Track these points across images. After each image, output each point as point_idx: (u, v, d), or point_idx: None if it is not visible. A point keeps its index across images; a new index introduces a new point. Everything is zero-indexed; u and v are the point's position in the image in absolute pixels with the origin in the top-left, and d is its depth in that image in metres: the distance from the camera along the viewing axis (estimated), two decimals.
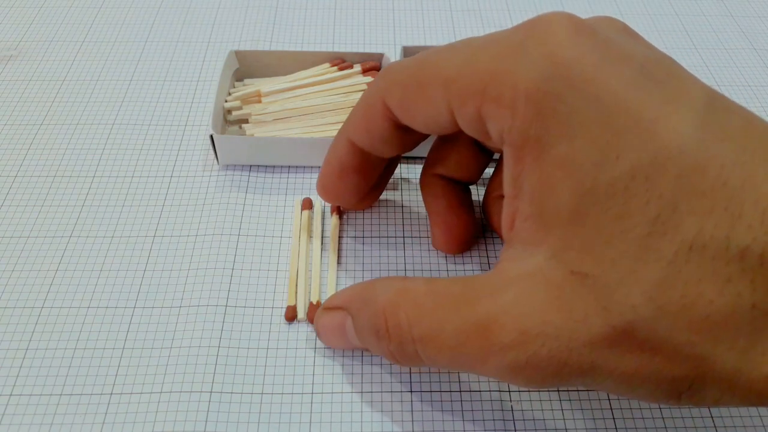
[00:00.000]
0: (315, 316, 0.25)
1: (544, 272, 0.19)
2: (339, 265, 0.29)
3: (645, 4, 0.46)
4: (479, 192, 0.32)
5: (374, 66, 0.35)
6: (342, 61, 0.35)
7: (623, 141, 0.17)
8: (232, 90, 0.35)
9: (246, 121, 0.33)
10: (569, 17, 0.20)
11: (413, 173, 0.33)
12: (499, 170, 0.27)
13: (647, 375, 0.18)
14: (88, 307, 0.27)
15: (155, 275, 0.28)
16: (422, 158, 0.33)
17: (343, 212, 0.31)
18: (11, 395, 0.24)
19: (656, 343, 0.17)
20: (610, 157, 0.17)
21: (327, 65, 0.35)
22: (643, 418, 0.24)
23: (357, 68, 0.35)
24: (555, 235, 0.19)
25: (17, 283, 0.27)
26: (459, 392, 0.25)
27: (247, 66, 0.36)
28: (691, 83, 0.19)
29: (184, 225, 0.30)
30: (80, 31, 0.41)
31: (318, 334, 0.25)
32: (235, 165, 0.33)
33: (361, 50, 0.40)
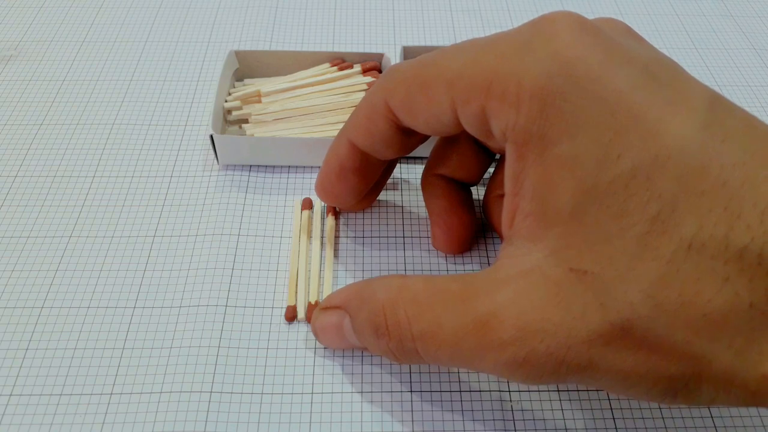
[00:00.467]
0: (312, 317, 0.25)
1: (543, 269, 0.19)
2: (338, 265, 0.29)
3: (645, 4, 0.46)
4: (479, 192, 0.32)
5: (374, 66, 0.35)
6: (342, 61, 0.35)
7: (625, 140, 0.17)
8: (232, 90, 0.35)
9: (246, 121, 0.33)
10: (575, 17, 0.20)
11: (413, 173, 0.33)
12: (500, 169, 0.27)
13: (644, 373, 0.18)
14: (88, 307, 0.27)
15: (155, 275, 0.28)
16: (422, 158, 0.33)
17: (339, 213, 0.31)
18: (11, 395, 0.24)
19: (654, 341, 0.17)
20: (612, 156, 0.17)
21: (327, 65, 0.35)
22: (643, 418, 0.24)
23: (357, 68, 0.35)
24: (554, 233, 0.19)
25: (17, 283, 0.27)
26: (459, 392, 0.25)
27: (247, 66, 0.36)
28: (694, 85, 0.19)
29: (184, 225, 0.30)
30: (80, 31, 0.41)
31: (316, 335, 0.25)
32: (235, 165, 0.33)
33: (361, 50, 0.40)
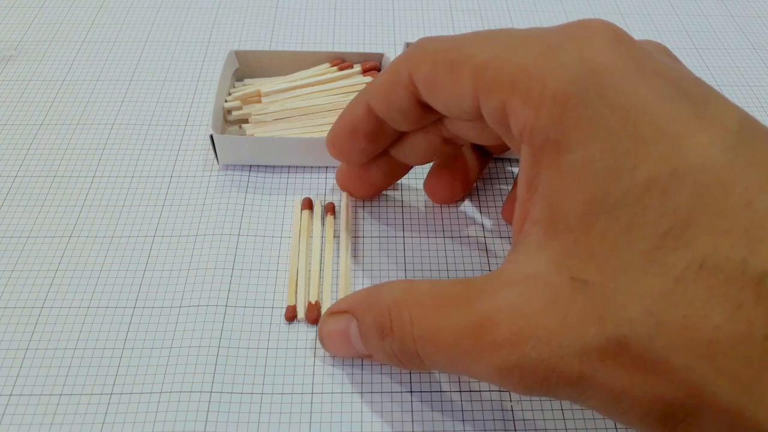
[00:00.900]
0: (320, 322, 0.25)
1: (545, 276, 0.18)
2: (338, 265, 0.29)
3: (645, 4, 0.46)
4: (478, 191, 0.32)
5: (374, 66, 0.35)
6: (342, 61, 0.35)
7: (643, 151, 0.17)
8: (232, 90, 0.35)
9: (246, 121, 0.33)
10: (610, 26, 0.19)
11: (413, 173, 0.33)
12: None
13: (639, 396, 0.17)
14: (88, 307, 0.27)
15: (155, 275, 0.28)
16: None
17: (337, 213, 0.31)
18: (11, 395, 0.24)
19: (651, 362, 0.16)
20: (627, 166, 0.17)
21: (327, 65, 0.35)
22: None
23: (357, 68, 0.35)
24: (561, 241, 0.18)
25: (17, 283, 0.27)
26: (459, 392, 0.25)
27: (247, 66, 0.36)
28: (726, 105, 0.18)
29: (184, 225, 0.30)
30: (80, 31, 0.41)
31: (322, 341, 0.25)
32: (235, 165, 0.33)
33: (361, 50, 0.40)
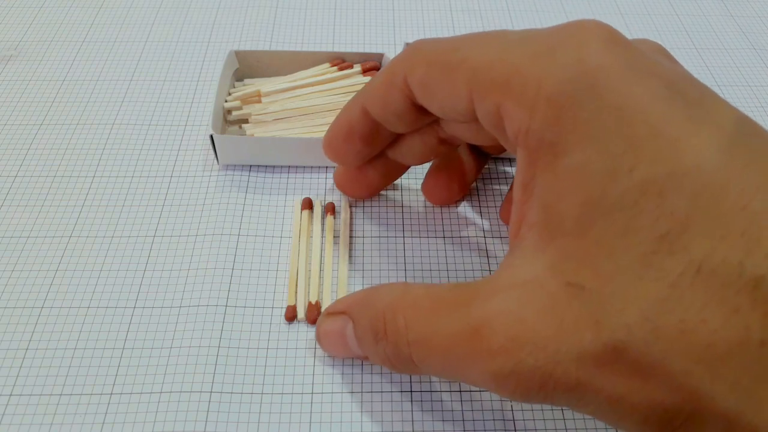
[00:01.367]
0: (317, 322, 0.25)
1: (541, 281, 0.18)
2: (338, 265, 0.29)
3: (645, 4, 0.46)
4: (479, 192, 0.32)
5: (374, 66, 0.35)
6: (342, 61, 0.35)
7: (640, 153, 0.17)
8: (232, 90, 0.35)
9: (246, 121, 0.33)
10: (606, 27, 0.19)
11: (413, 173, 0.33)
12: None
13: (637, 402, 0.16)
14: (88, 307, 0.27)
15: (155, 275, 0.28)
16: None
17: (338, 212, 0.31)
18: (11, 395, 0.24)
19: (649, 368, 0.16)
20: (624, 169, 0.17)
21: (327, 65, 0.35)
22: None
23: (357, 68, 0.35)
24: (557, 245, 0.18)
25: (17, 283, 0.27)
26: (459, 392, 0.25)
27: (247, 66, 0.36)
28: (722, 106, 0.18)
29: (184, 225, 0.30)
30: (80, 31, 0.41)
31: (319, 340, 0.25)
32: (235, 165, 0.33)
33: (361, 50, 0.40)
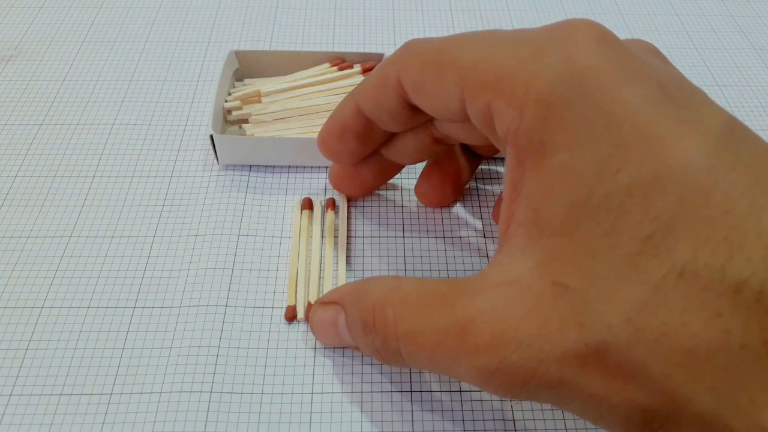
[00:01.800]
0: (310, 312, 0.25)
1: (527, 280, 0.18)
2: (338, 264, 0.29)
3: (645, 4, 0.46)
4: (478, 193, 0.32)
5: (374, 66, 0.35)
6: (342, 61, 0.35)
7: (626, 155, 0.17)
8: (232, 90, 0.35)
9: (246, 121, 0.33)
10: (596, 26, 0.19)
11: (414, 173, 0.33)
12: None
13: (618, 402, 0.17)
14: (88, 307, 0.27)
15: (155, 275, 0.28)
16: None
17: (338, 209, 0.31)
18: (11, 395, 0.24)
19: (630, 369, 0.16)
20: (610, 170, 0.17)
21: (327, 65, 0.35)
22: None
23: (357, 68, 0.35)
24: (543, 244, 0.18)
25: (17, 283, 0.27)
26: (459, 392, 0.25)
27: (247, 66, 0.36)
28: (711, 109, 0.18)
29: (184, 225, 0.30)
30: (80, 31, 0.41)
31: (312, 329, 0.25)
32: (235, 165, 0.33)
33: (361, 50, 0.40)
